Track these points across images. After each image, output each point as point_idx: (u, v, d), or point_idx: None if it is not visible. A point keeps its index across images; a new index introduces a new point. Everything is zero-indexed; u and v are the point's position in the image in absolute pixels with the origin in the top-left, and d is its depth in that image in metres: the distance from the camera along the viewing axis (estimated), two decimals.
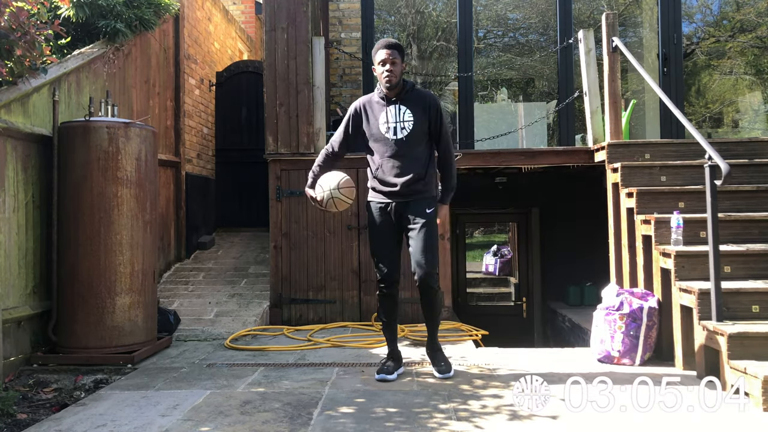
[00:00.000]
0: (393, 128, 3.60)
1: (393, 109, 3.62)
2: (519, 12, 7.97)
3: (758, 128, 7.66)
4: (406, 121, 3.59)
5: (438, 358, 3.76)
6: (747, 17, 7.62)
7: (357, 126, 3.73)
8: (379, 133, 3.63)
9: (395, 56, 3.60)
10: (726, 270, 3.67)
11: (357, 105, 3.75)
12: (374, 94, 3.74)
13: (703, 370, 3.48)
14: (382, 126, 3.63)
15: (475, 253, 12.14)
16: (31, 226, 4.13)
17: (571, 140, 6.59)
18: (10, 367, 3.82)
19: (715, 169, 3.49)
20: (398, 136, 3.59)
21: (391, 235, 3.67)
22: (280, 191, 5.53)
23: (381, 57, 3.60)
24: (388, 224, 3.66)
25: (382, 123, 3.63)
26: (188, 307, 5.45)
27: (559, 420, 2.91)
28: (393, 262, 3.66)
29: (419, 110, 3.61)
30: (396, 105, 3.63)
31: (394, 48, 3.62)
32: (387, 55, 3.59)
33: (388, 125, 3.62)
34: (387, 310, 3.73)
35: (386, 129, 3.62)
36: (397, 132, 3.59)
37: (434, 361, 3.76)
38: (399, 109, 3.62)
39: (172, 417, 3.01)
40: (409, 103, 3.63)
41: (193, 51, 7.25)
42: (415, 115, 3.60)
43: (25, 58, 3.96)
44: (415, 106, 3.62)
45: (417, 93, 3.69)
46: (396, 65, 3.60)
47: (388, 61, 3.59)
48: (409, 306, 5.26)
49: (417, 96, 3.67)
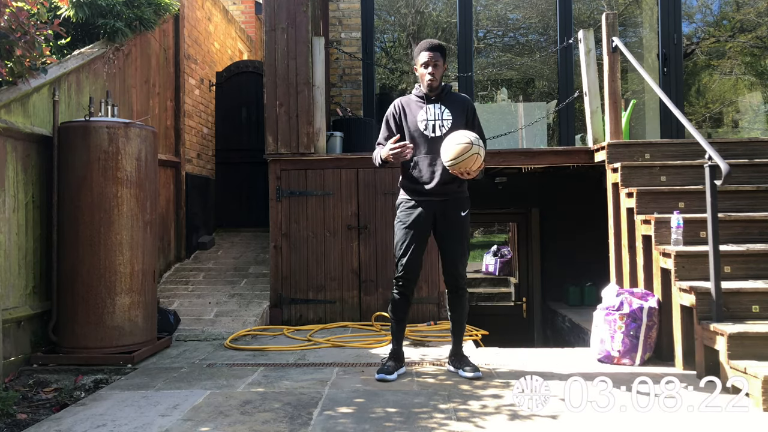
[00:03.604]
0: (432, 125, 3.62)
1: (432, 107, 3.65)
2: (519, 12, 7.97)
3: (758, 128, 7.66)
4: (445, 119, 3.62)
5: (466, 362, 3.76)
6: (747, 17, 7.62)
7: (398, 124, 3.71)
8: (417, 130, 3.64)
9: (437, 58, 3.62)
10: (726, 270, 3.67)
11: (396, 103, 3.75)
12: (412, 94, 3.76)
13: (703, 370, 3.48)
14: (420, 123, 3.64)
15: (475, 253, 12.14)
16: (31, 226, 4.14)
17: (571, 140, 6.60)
18: (10, 367, 3.82)
19: (715, 169, 3.49)
20: (436, 134, 3.60)
21: (420, 235, 3.66)
22: (280, 191, 5.53)
23: (424, 59, 3.62)
24: (418, 223, 3.65)
25: (421, 120, 3.64)
26: (188, 307, 5.45)
27: (559, 420, 2.91)
28: (417, 262, 3.66)
29: (458, 110, 3.65)
30: (435, 104, 3.66)
31: (437, 50, 3.63)
32: (429, 58, 3.61)
33: (426, 122, 3.63)
34: (400, 309, 3.72)
35: (425, 126, 3.63)
36: (436, 129, 3.61)
37: (462, 365, 3.75)
38: (439, 107, 3.64)
39: (172, 417, 3.01)
40: (448, 103, 3.67)
41: (193, 51, 7.25)
42: (453, 114, 3.63)
43: (25, 58, 3.96)
44: (453, 106, 3.66)
45: (455, 95, 3.76)
46: (438, 68, 3.62)
47: (431, 64, 3.61)
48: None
49: (455, 97, 3.73)
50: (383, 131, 3.78)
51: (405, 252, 3.63)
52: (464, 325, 3.83)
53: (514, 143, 7.00)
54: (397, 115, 3.72)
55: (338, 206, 5.52)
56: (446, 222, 3.65)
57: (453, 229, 3.65)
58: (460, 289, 3.69)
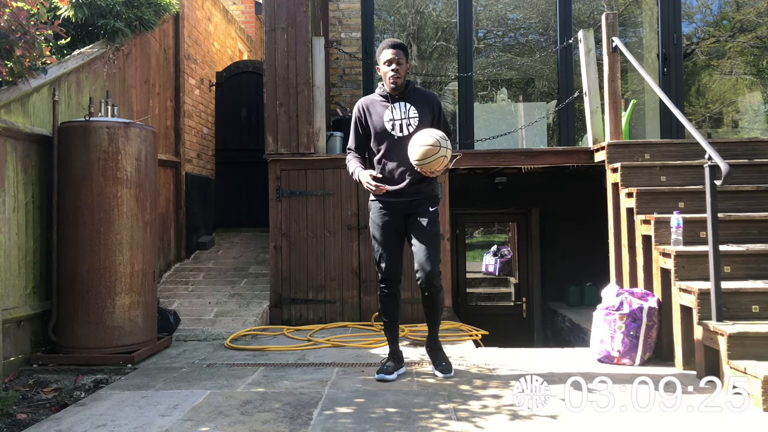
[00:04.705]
0: (399, 125, 3.61)
1: (398, 106, 3.64)
2: (519, 12, 7.97)
3: (758, 128, 7.66)
4: (412, 117, 3.61)
5: (439, 357, 3.76)
6: (747, 17, 7.62)
7: (364, 126, 3.73)
8: (384, 130, 3.63)
9: (400, 56, 3.62)
10: (726, 270, 3.67)
11: (360, 105, 3.75)
12: (375, 93, 3.75)
13: (703, 370, 3.48)
14: (387, 123, 3.63)
15: (475, 253, 12.14)
16: (31, 226, 4.14)
17: (571, 140, 6.59)
18: (10, 367, 3.82)
19: (715, 169, 3.49)
20: (403, 133, 3.59)
21: (393, 235, 3.67)
22: (280, 191, 5.53)
23: (387, 57, 3.62)
24: (390, 224, 3.66)
25: (387, 120, 3.63)
26: (188, 307, 5.45)
27: (559, 420, 2.91)
28: (395, 262, 3.66)
29: (424, 108, 3.65)
30: (400, 103, 3.65)
31: (399, 48, 3.64)
32: (393, 55, 3.61)
33: (393, 122, 3.62)
34: (388, 310, 3.72)
35: (391, 126, 3.62)
36: (403, 128, 3.61)
37: (435, 361, 3.76)
38: (404, 106, 3.63)
39: (172, 417, 3.01)
40: (413, 101, 3.66)
41: (193, 51, 7.25)
42: (420, 111, 3.62)
43: (25, 58, 3.96)
44: (419, 104, 3.65)
45: (420, 92, 3.74)
46: (401, 65, 3.62)
47: (394, 61, 3.61)
48: (409, 306, 5.26)
49: (420, 94, 3.71)
50: (353, 137, 3.78)
51: (381, 253, 3.64)
52: (438, 320, 3.83)
53: (514, 143, 7.00)
54: (363, 118, 3.71)
55: (338, 206, 5.52)
56: (416, 220, 3.62)
57: (423, 227, 3.60)
58: (432, 287, 3.61)
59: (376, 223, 3.68)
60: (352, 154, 3.79)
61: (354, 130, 3.77)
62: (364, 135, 3.74)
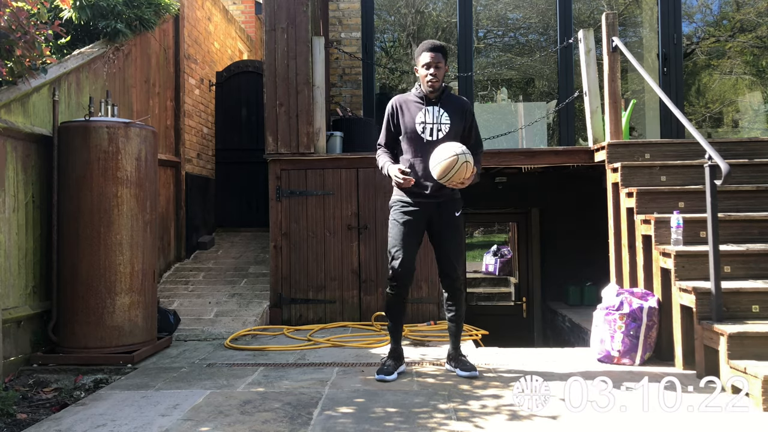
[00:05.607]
0: (430, 129, 3.60)
1: (432, 110, 3.63)
2: (519, 12, 7.97)
3: (758, 128, 7.66)
4: (443, 123, 3.60)
5: (463, 361, 3.76)
6: (747, 17, 7.62)
7: (395, 124, 3.72)
8: (414, 132, 3.62)
9: (439, 59, 3.59)
10: (726, 270, 3.67)
11: (393, 103, 3.73)
12: (411, 93, 3.73)
13: (703, 369, 3.47)
14: (418, 126, 3.62)
15: (475, 253, 12.15)
16: (31, 226, 4.14)
17: (571, 140, 6.60)
18: (10, 367, 3.82)
19: (715, 168, 3.49)
20: (433, 138, 3.59)
21: (414, 236, 3.65)
22: (280, 191, 5.53)
23: (425, 60, 3.60)
24: (413, 224, 3.64)
25: (419, 123, 3.62)
26: (188, 307, 5.45)
27: (559, 420, 2.91)
28: (411, 263, 3.64)
29: (457, 114, 3.64)
30: (435, 107, 3.63)
31: (438, 51, 3.61)
32: (431, 59, 3.58)
33: (424, 125, 3.61)
34: (395, 312, 3.71)
35: (422, 129, 3.61)
36: (433, 133, 3.60)
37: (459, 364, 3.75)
38: (437, 110, 3.62)
39: (172, 417, 3.01)
40: (447, 106, 3.65)
41: (193, 51, 7.25)
42: (452, 118, 3.62)
43: (25, 58, 3.96)
44: (452, 109, 3.64)
45: (455, 98, 3.74)
46: (440, 69, 3.59)
47: (432, 65, 3.58)
48: (409, 306, 5.24)
49: (456, 101, 3.71)
50: (384, 133, 3.77)
51: (400, 253, 3.62)
52: (462, 325, 3.84)
53: (514, 143, 7.00)
54: (395, 115, 3.70)
55: (338, 206, 5.52)
56: (441, 222, 3.65)
57: (448, 229, 3.65)
58: (457, 290, 3.68)
59: (398, 221, 3.66)
60: (381, 150, 3.78)
61: (386, 127, 3.76)
62: (394, 132, 3.73)
